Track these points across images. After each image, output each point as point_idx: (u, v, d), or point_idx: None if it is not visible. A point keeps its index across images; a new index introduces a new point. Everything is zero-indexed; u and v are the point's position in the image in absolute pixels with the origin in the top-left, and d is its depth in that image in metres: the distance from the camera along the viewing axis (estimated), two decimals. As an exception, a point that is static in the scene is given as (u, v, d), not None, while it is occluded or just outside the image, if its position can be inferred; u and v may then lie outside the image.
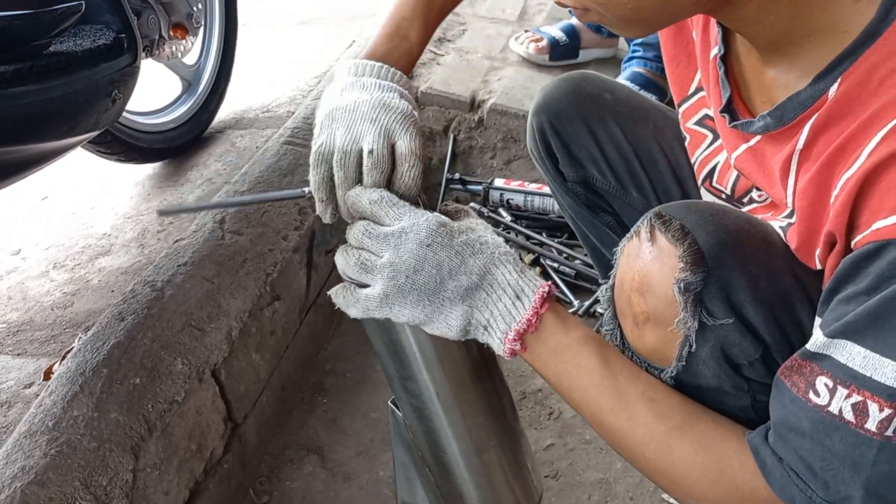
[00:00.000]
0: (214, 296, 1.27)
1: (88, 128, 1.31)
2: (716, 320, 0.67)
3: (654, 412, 0.70)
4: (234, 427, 1.26)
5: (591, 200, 1.14)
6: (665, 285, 0.68)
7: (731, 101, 0.76)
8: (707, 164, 0.89)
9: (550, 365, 0.73)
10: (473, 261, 0.71)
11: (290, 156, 1.66)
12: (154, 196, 1.98)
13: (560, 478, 1.26)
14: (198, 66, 2.11)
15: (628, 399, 0.70)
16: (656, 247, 0.70)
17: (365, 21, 2.68)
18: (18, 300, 1.68)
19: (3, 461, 0.99)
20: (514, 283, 0.71)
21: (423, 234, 0.70)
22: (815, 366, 0.60)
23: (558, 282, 1.64)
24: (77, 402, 1.05)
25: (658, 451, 0.69)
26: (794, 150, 0.67)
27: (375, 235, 0.72)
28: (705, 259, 0.67)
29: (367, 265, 0.72)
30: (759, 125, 0.71)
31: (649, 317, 0.71)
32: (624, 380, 0.71)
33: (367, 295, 0.72)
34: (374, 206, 0.73)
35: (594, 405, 0.72)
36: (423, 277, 0.70)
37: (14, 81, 1.06)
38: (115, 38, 1.30)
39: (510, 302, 0.71)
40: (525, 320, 0.70)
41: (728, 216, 0.71)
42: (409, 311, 0.71)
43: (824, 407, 0.58)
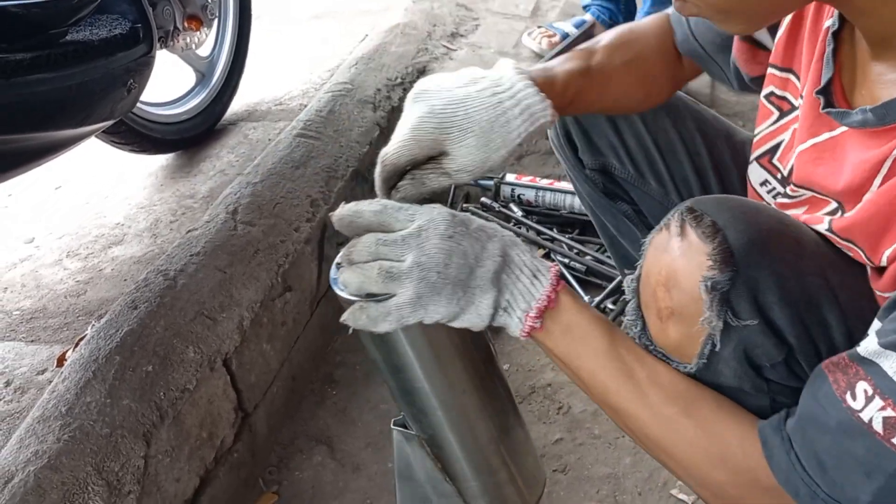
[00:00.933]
0: (226, 286, 1.28)
1: (103, 117, 1.32)
2: (741, 321, 0.66)
3: (661, 395, 0.70)
4: (245, 416, 1.27)
5: (610, 189, 1.13)
6: (692, 282, 0.67)
7: (829, 84, 0.72)
8: (770, 140, 0.86)
9: (562, 343, 0.73)
10: (492, 244, 0.71)
11: (302, 148, 1.67)
12: (167, 186, 1.99)
13: (569, 472, 1.26)
14: (211, 57, 2.12)
15: (636, 380, 0.71)
16: (686, 242, 0.69)
17: (377, 15, 2.68)
18: (32, 288, 1.69)
19: (17, 445, 1.00)
20: (530, 263, 0.72)
21: (443, 226, 0.70)
22: (860, 369, 0.59)
23: (569, 277, 1.64)
24: (90, 388, 1.06)
25: (662, 433, 0.70)
26: (890, 152, 0.63)
27: (392, 242, 0.70)
28: (735, 258, 0.66)
29: (392, 273, 0.69)
30: (858, 119, 0.67)
31: (674, 312, 0.70)
32: (632, 360, 0.72)
33: (398, 303, 0.69)
34: (380, 215, 0.71)
35: (601, 385, 0.73)
36: (454, 269, 0.69)
37: (31, 69, 1.07)
38: (131, 28, 1.31)
39: (528, 281, 0.71)
40: (545, 297, 0.71)
41: (761, 214, 0.70)
42: (443, 307, 0.70)
43: (856, 411, 0.58)
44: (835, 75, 0.72)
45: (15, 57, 1.05)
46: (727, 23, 0.69)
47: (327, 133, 1.74)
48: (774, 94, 0.85)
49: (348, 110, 1.84)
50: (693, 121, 1.07)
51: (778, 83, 0.85)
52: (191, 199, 1.92)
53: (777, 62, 0.84)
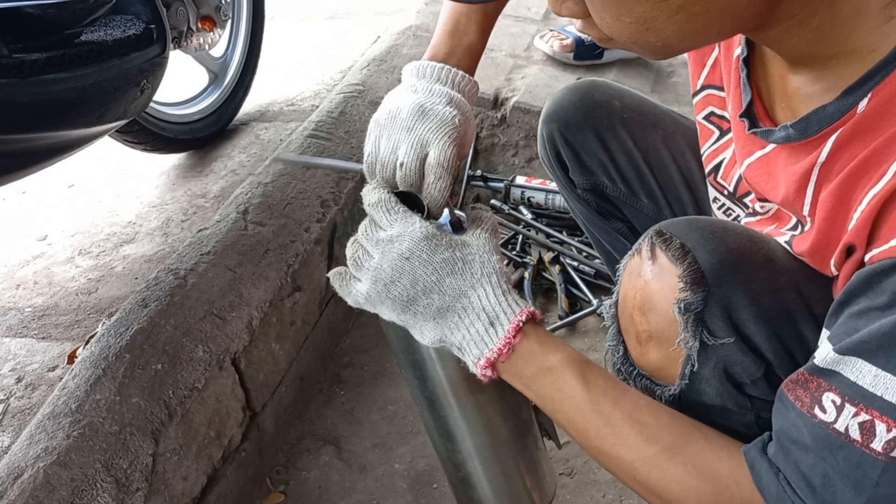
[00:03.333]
0: (236, 285, 1.28)
1: (117, 116, 1.32)
2: (717, 340, 0.67)
3: (643, 434, 0.67)
4: (253, 415, 1.28)
5: (603, 207, 1.14)
6: (666, 304, 0.68)
7: (751, 106, 0.74)
8: (713, 158, 0.88)
9: (533, 389, 0.72)
10: (450, 281, 0.71)
11: (313, 149, 1.67)
12: (178, 186, 2.00)
13: (575, 475, 1.26)
14: (225, 58, 2.13)
15: (614, 422, 0.68)
16: (657, 265, 0.70)
17: (389, 17, 2.68)
18: (44, 285, 1.70)
19: (27, 441, 1.01)
20: (490, 309, 0.70)
21: (405, 245, 0.72)
22: (822, 381, 0.58)
23: (578, 280, 1.64)
24: (100, 385, 1.07)
25: (649, 475, 0.67)
26: (814, 162, 0.65)
27: (370, 237, 0.74)
28: (705, 278, 0.66)
29: (359, 263, 0.74)
30: (781, 135, 0.68)
31: (652, 335, 0.71)
32: (608, 402, 0.69)
33: (357, 290, 0.75)
34: (372, 208, 0.75)
35: (581, 428, 0.71)
36: (397, 289, 0.72)
37: (46, 69, 1.08)
38: (145, 29, 1.32)
39: (483, 328, 0.70)
40: (496, 349, 0.70)
41: (729, 234, 0.71)
42: (388, 313, 0.74)
43: (830, 424, 0.57)
44: (754, 97, 0.73)
45: (31, 57, 1.06)
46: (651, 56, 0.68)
47: (338, 134, 1.74)
48: (714, 114, 0.87)
49: (360, 112, 1.85)
50: (682, 136, 1.07)
51: (717, 103, 0.86)
52: (202, 199, 1.93)
53: (715, 82, 0.86)
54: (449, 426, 0.83)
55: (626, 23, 0.60)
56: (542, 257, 1.69)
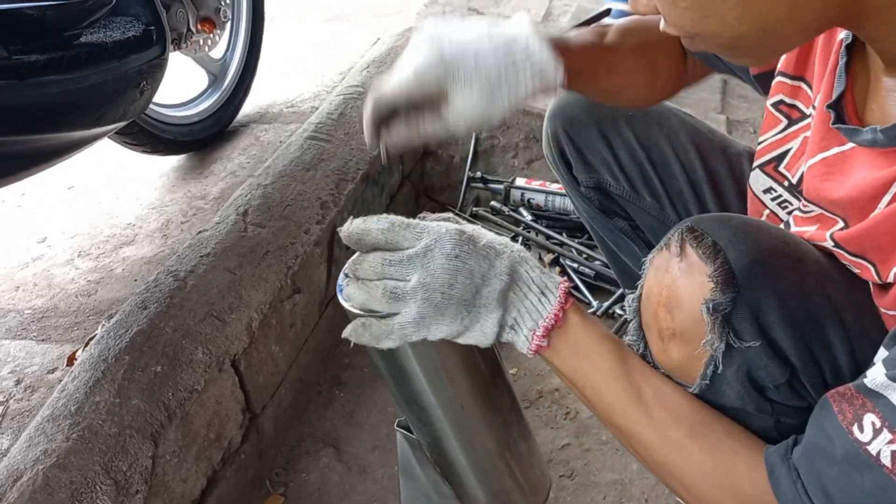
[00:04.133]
0: (236, 287, 1.28)
1: (116, 118, 1.32)
2: (743, 343, 0.65)
3: (668, 417, 0.69)
4: (252, 417, 1.28)
5: (606, 206, 1.13)
6: (693, 303, 0.66)
7: (841, 98, 0.70)
8: (777, 147, 0.85)
9: (569, 361, 0.72)
10: (500, 262, 0.70)
11: (313, 150, 1.67)
12: (178, 187, 2.01)
13: (575, 478, 1.26)
14: (224, 60, 2.14)
15: (642, 401, 0.69)
16: (686, 262, 0.68)
17: (389, 19, 2.69)
18: (44, 287, 1.70)
19: (27, 444, 1.01)
20: (539, 280, 0.71)
21: (449, 246, 0.68)
22: (868, 401, 0.57)
23: (577, 282, 1.64)
24: (99, 387, 1.07)
25: (669, 456, 0.68)
26: None
27: (397, 262, 0.68)
28: (736, 279, 0.65)
29: (397, 293, 0.68)
30: (867, 137, 0.65)
31: (675, 333, 0.69)
32: (639, 381, 0.70)
33: (402, 322, 0.69)
34: (388, 233, 0.70)
35: (607, 405, 0.71)
36: (458, 290, 0.68)
37: (45, 70, 1.08)
38: (145, 31, 1.32)
39: (536, 299, 0.70)
40: (552, 315, 0.70)
41: (762, 233, 0.69)
42: (447, 327, 0.69)
43: (864, 444, 0.56)
44: (847, 89, 0.70)
45: (29, 58, 1.06)
46: (736, 59, 0.67)
47: (338, 136, 1.74)
48: (784, 103, 0.84)
49: (359, 113, 1.85)
50: (686, 134, 1.06)
51: (788, 91, 0.84)
52: (202, 201, 1.93)
53: (788, 70, 0.83)
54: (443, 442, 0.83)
55: (683, 9, 0.59)
56: (542, 259, 1.69)
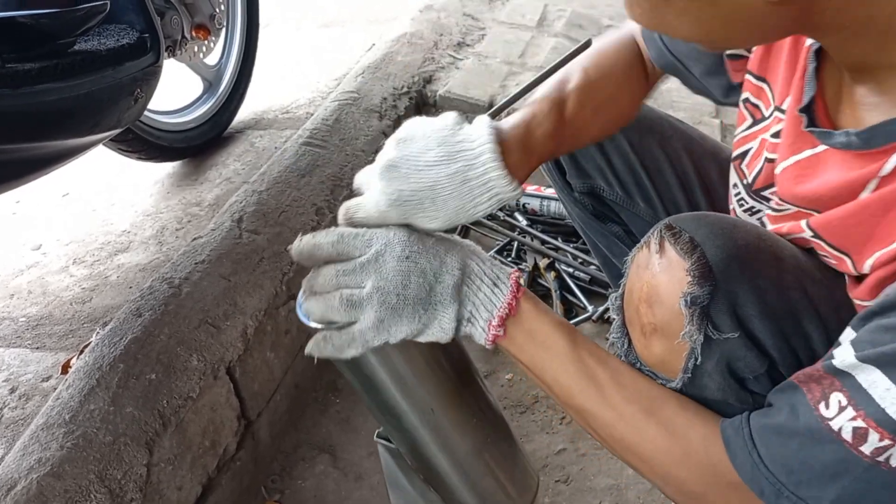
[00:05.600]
0: (231, 294, 1.28)
1: (111, 125, 1.32)
2: (721, 334, 0.67)
3: (623, 395, 0.72)
4: (248, 424, 1.27)
5: (599, 211, 1.14)
6: (673, 297, 0.68)
7: (812, 103, 0.72)
8: (742, 145, 0.88)
9: (526, 348, 0.75)
10: (450, 258, 0.73)
11: (308, 157, 1.67)
12: (173, 194, 2.00)
13: (571, 483, 1.26)
14: (219, 66, 2.14)
15: (598, 381, 0.72)
16: (665, 258, 0.70)
17: (384, 25, 2.69)
18: (38, 295, 1.70)
19: (21, 452, 1.00)
20: (490, 272, 0.74)
21: (399, 248, 0.71)
22: (836, 380, 0.59)
23: (573, 287, 1.64)
24: (94, 395, 1.07)
25: (625, 432, 0.71)
26: (875, 174, 0.63)
27: (351, 270, 0.71)
28: (713, 273, 0.67)
29: (353, 300, 0.71)
30: (841, 140, 0.67)
31: (657, 328, 0.71)
32: (593, 363, 0.73)
33: (361, 329, 0.71)
34: (338, 245, 0.73)
35: (565, 387, 0.74)
36: (413, 289, 0.71)
37: (40, 78, 1.08)
38: (139, 38, 1.32)
39: (489, 290, 0.73)
40: (506, 304, 0.72)
41: (738, 230, 0.71)
42: (406, 326, 0.72)
43: (827, 419, 0.59)
44: (817, 93, 0.72)
45: (24, 66, 1.06)
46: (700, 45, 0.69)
47: (333, 142, 1.75)
48: (749, 101, 0.87)
49: (354, 119, 1.85)
50: (679, 140, 1.07)
51: (753, 90, 0.86)
52: (197, 207, 1.93)
53: (753, 69, 0.85)
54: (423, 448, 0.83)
55: (638, 14, 0.63)
56: (538, 264, 1.69)
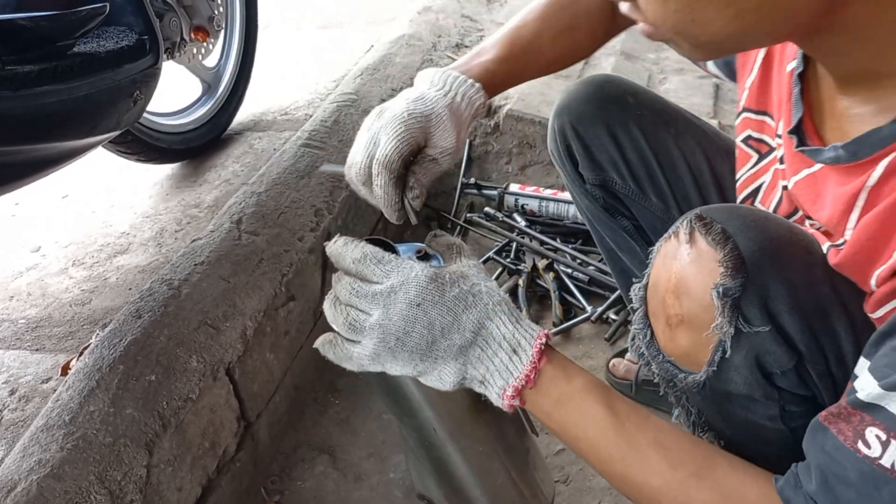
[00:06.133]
0: (230, 295, 1.28)
1: (110, 127, 1.33)
2: (752, 327, 0.66)
3: (668, 459, 0.67)
4: (247, 425, 1.27)
5: (610, 204, 1.13)
6: (702, 289, 0.67)
7: (801, 123, 0.72)
8: (750, 183, 0.87)
9: (554, 416, 0.71)
10: (466, 316, 0.69)
11: (307, 158, 1.68)
12: (172, 196, 2.01)
13: (570, 483, 1.26)
14: (218, 68, 2.14)
15: (640, 447, 0.68)
16: (695, 249, 0.69)
17: (382, 26, 2.69)
18: (38, 296, 1.70)
19: (21, 454, 1.00)
20: (511, 337, 0.69)
21: (413, 293, 0.68)
22: (866, 416, 0.57)
23: (572, 287, 1.64)
24: (93, 397, 1.07)
25: (676, 500, 0.67)
26: (863, 185, 0.63)
27: (363, 294, 0.70)
28: (745, 265, 0.66)
29: (356, 325, 0.70)
30: (830, 156, 0.67)
31: (683, 319, 0.70)
32: (633, 427, 0.69)
33: (359, 353, 0.70)
34: (358, 265, 0.71)
35: (604, 455, 0.70)
36: (413, 339, 0.68)
37: (39, 81, 1.08)
38: (138, 40, 1.32)
39: (507, 357, 0.69)
40: (523, 376, 0.69)
41: (770, 222, 0.70)
42: (400, 368, 0.70)
43: (875, 459, 0.56)
44: (805, 114, 0.72)
45: (23, 69, 1.06)
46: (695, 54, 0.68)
47: (332, 143, 1.75)
48: (752, 138, 0.87)
49: (353, 121, 1.85)
50: (694, 136, 1.07)
51: (754, 126, 0.86)
52: (196, 209, 1.93)
53: (752, 106, 0.85)
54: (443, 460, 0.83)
55: (672, 10, 0.59)
56: (537, 264, 1.70)
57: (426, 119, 0.81)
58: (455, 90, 0.85)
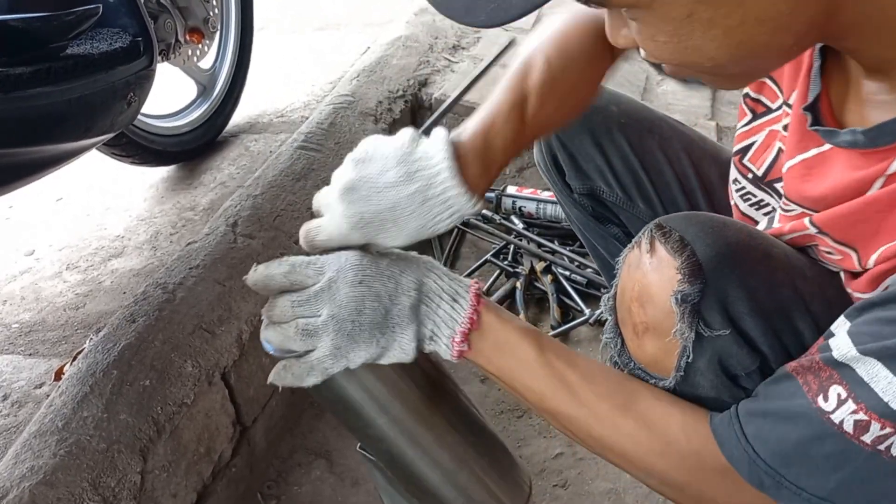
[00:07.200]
0: (225, 299, 1.27)
1: (104, 130, 1.32)
2: (713, 331, 0.67)
3: (596, 392, 0.72)
4: (243, 430, 1.26)
5: (599, 212, 1.13)
6: (664, 296, 0.68)
7: (817, 101, 0.71)
8: (743, 139, 0.87)
9: (493, 359, 0.75)
10: (405, 278, 0.73)
11: (303, 160, 1.67)
12: (167, 199, 1.99)
13: (569, 487, 1.25)
14: (213, 70, 2.13)
15: (569, 383, 0.72)
16: (656, 258, 0.70)
17: (379, 28, 2.69)
18: (31, 301, 1.69)
19: (13, 461, 0.99)
20: (448, 288, 0.73)
21: (351, 274, 0.71)
22: (835, 373, 0.59)
23: (570, 290, 1.63)
24: (87, 402, 1.05)
25: (603, 430, 0.71)
26: (882, 172, 0.63)
27: (305, 300, 0.71)
28: (703, 270, 0.67)
29: (310, 328, 0.70)
30: (847, 139, 0.66)
31: (648, 327, 0.71)
32: (562, 365, 0.73)
33: (319, 357, 0.71)
34: (290, 275, 0.72)
35: (537, 393, 0.74)
36: (368, 314, 0.70)
37: (31, 83, 1.07)
38: (132, 42, 1.31)
39: (448, 307, 0.73)
40: (467, 319, 0.72)
41: (728, 228, 0.71)
42: (364, 351, 0.71)
43: (827, 413, 0.59)
44: (822, 91, 0.72)
45: (15, 71, 1.05)
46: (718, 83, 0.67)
47: (328, 145, 1.74)
48: (749, 96, 0.87)
49: (350, 123, 1.85)
50: (679, 142, 1.07)
51: (753, 85, 0.86)
52: (191, 212, 1.92)
53: None
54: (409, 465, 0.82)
55: (662, 43, 0.60)
56: (534, 267, 1.69)
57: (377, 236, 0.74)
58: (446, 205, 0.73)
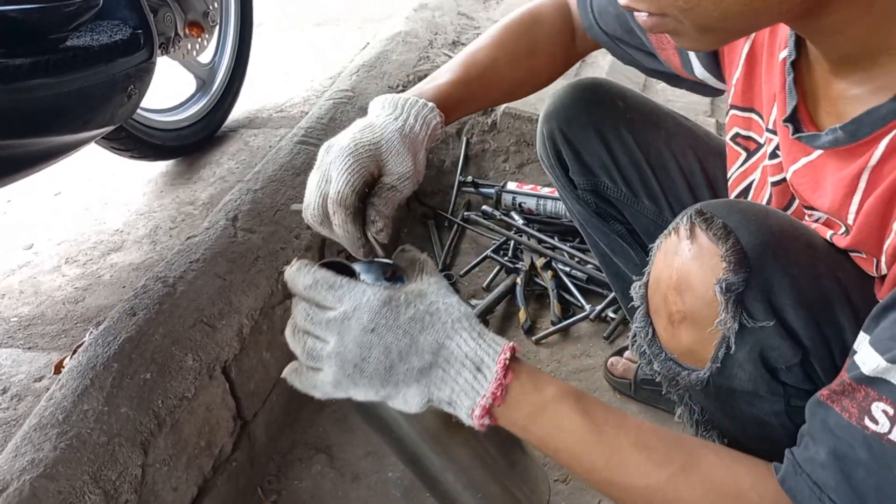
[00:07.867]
0: (226, 293, 1.27)
1: (103, 123, 1.31)
2: (756, 322, 0.65)
3: (652, 459, 0.65)
4: (244, 424, 1.26)
5: (602, 209, 1.12)
6: (705, 284, 0.66)
7: (796, 111, 0.71)
8: (741, 181, 0.87)
9: (531, 430, 0.68)
10: (424, 337, 0.67)
11: (302, 155, 1.66)
12: (167, 193, 1.99)
13: (570, 482, 1.25)
14: (213, 64, 2.12)
15: (621, 451, 0.65)
16: (696, 245, 0.68)
17: (379, 24, 2.68)
18: (30, 294, 1.68)
19: (13, 454, 0.99)
20: (473, 355, 0.67)
21: (366, 318, 0.66)
22: (871, 390, 0.56)
23: (570, 286, 1.63)
24: (87, 396, 1.05)
25: (666, 499, 0.64)
26: (864, 166, 0.63)
27: (318, 322, 0.68)
28: (748, 259, 0.65)
29: (314, 354, 0.68)
30: (828, 139, 0.66)
31: (686, 316, 0.69)
32: (611, 431, 0.66)
33: (322, 381, 0.69)
34: (310, 291, 0.69)
35: (587, 464, 0.67)
36: (371, 365, 0.66)
37: (31, 74, 1.07)
38: (132, 34, 1.30)
39: (471, 376, 0.67)
40: (490, 394, 0.66)
41: (771, 217, 0.69)
42: (363, 394, 0.68)
43: (884, 435, 0.54)
44: (799, 102, 0.71)
45: (14, 62, 1.04)
46: (700, 41, 0.66)
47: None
48: (740, 136, 0.86)
49: (349, 118, 1.84)
50: (685, 138, 1.06)
51: (741, 124, 0.85)
52: (191, 206, 1.91)
53: (738, 103, 0.85)
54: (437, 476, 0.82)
55: None
56: (534, 263, 1.69)
57: (376, 147, 0.77)
58: (407, 112, 0.81)
